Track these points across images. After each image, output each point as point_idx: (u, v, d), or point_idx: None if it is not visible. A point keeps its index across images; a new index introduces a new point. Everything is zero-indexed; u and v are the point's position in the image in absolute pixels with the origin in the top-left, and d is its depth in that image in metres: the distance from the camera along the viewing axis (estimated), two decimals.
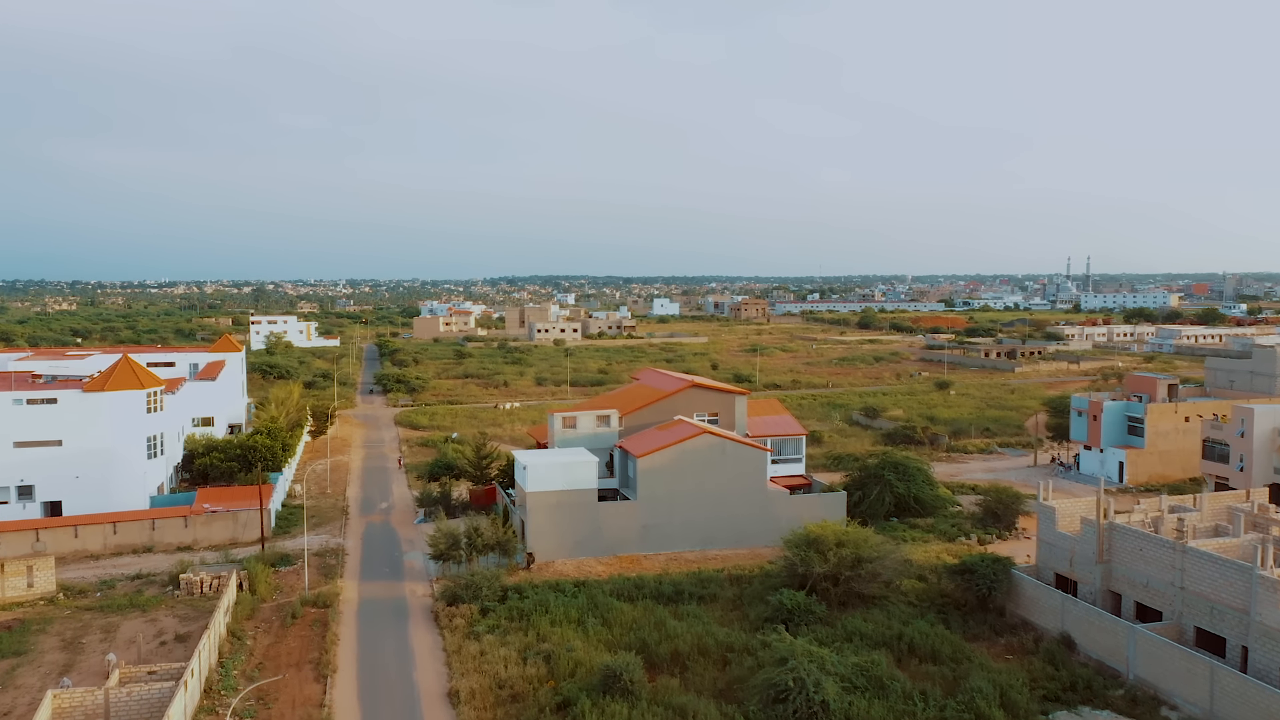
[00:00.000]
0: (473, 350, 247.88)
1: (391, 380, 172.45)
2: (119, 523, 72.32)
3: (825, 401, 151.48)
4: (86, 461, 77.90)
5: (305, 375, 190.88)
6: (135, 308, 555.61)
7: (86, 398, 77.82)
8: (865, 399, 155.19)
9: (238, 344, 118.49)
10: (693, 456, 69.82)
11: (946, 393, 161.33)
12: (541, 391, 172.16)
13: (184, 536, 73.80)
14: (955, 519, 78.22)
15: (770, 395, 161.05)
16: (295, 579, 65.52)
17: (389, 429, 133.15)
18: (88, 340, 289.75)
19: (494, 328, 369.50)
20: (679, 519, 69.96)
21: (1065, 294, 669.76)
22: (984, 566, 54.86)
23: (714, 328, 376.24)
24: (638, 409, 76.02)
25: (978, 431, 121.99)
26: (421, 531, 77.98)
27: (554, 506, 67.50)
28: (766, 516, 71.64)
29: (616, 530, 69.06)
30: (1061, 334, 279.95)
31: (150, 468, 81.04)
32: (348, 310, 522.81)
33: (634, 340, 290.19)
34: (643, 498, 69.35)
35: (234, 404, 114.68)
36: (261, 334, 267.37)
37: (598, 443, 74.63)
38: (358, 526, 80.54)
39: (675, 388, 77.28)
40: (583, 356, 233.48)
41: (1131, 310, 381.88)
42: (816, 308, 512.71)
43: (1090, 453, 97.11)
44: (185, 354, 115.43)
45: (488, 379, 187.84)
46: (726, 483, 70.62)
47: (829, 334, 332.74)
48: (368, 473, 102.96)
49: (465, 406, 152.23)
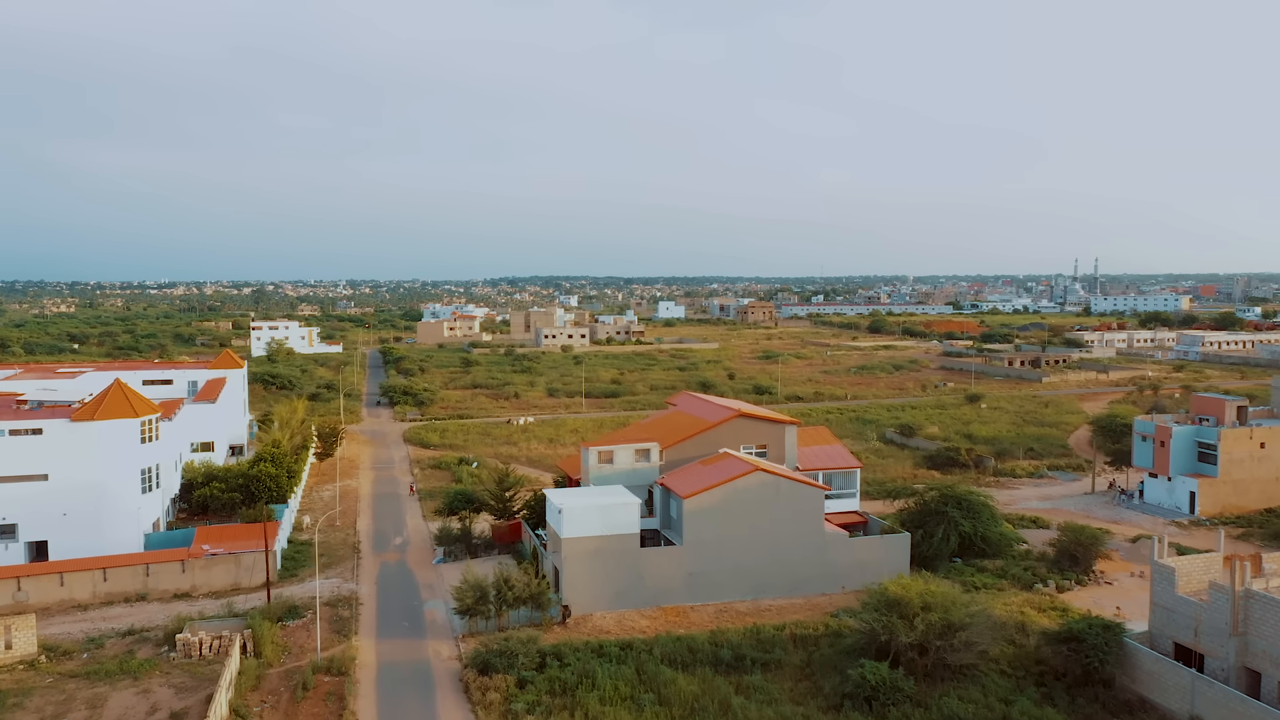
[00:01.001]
0: (479, 358, 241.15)
1: (398, 392, 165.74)
2: (110, 568, 65.57)
3: (854, 416, 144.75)
4: (75, 497, 71.18)
5: (308, 385, 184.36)
6: (134, 310, 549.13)
7: (75, 428, 71.09)
8: (894, 413, 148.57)
9: (239, 360, 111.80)
10: (744, 496, 63.12)
11: (978, 406, 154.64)
12: (554, 404, 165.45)
13: (181, 582, 67.07)
14: (1025, 561, 71.48)
15: (793, 408, 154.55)
16: (305, 636, 58.81)
17: (398, 447, 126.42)
18: (84, 346, 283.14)
19: (498, 331, 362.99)
20: (728, 565, 63.28)
21: (1073, 296, 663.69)
22: (1092, 635, 48.15)
23: (721, 332, 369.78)
24: (679, 441, 69.29)
25: (1022, 452, 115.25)
26: (441, 573, 71.28)
27: (592, 554, 60.81)
28: (824, 561, 64.99)
29: (660, 578, 62.37)
30: (1081, 340, 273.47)
31: (145, 502, 74.31)
32: (349, 313, 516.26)
33: (643, 346, 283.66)
34: (689, 542, 62.66)
35: (235, 424, 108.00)
36: (262, 340, 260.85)
37: (636, 479, 67.91)
38: (371, 567, 73.80)
39: (720, 418, 70.52)
40: (593, 364, 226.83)
41: (1147, 314, 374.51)
42: (823, 310, 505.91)
43: (1156, 481, 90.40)
44: (184, 370, 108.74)
45: (497, 390, 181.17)
46: (780, 525, 63.95)
47: (840, 339, 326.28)
48: (379, 500, 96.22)
49: (476, 421, 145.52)
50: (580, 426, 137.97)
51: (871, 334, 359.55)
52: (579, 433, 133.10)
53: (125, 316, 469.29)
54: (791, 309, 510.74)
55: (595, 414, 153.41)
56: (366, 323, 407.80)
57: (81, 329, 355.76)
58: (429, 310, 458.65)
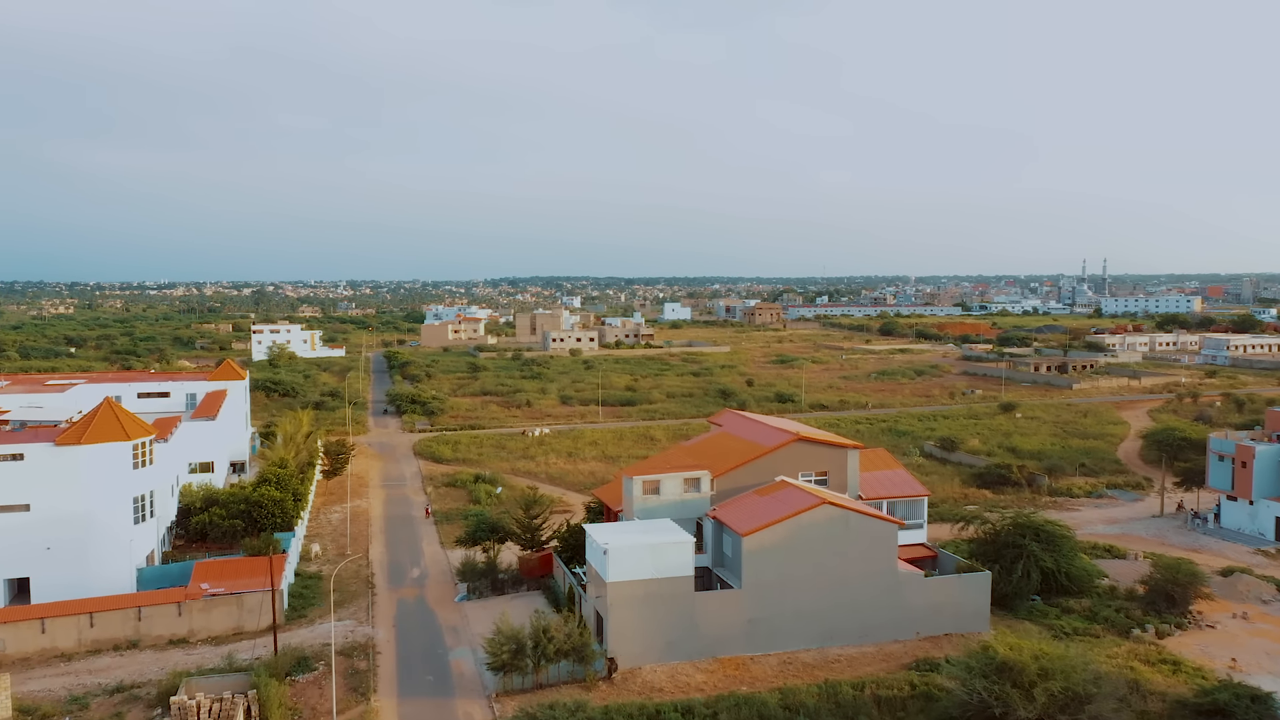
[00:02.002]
0: (486, 362, 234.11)
1: (406, 401, 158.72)
2: (97, 612, 58.62)
3: (885, 427, 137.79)
4: (60, 529, 64.23)
5: (311, 392, 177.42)
6: (133, 312, 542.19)
7: (60, 453, 64.11)
8: (926, 424, 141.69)
9: (240, 370, 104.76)
10: (809, 532, 56.18)
11: (1013, 416, 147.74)
12: (569, 413, 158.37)
13: (177, 627, 60.11)
14: (1113, 600, 64.49)
15: (819, 418, 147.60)
16: (317, 694, 51.85)
17: (408, 462, 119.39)
18: (82, 349, 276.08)
19: (503, 334, 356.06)
20: (791, 610, 56.33)
21: (1081, 297, 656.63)
22: (1241, 708, 41.29)
23: (730, 334, 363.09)
24: (731, 469, 62.32)
25: (1074, 468, 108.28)
26: (466, 614, 64.33)
27: (641, 599, 53.85)
28: (897, 604, 58.05)
29: (716, 626, 55.42)
30: (1103, 344, 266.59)
31: (138, 533, 67.33)
32: (350, 315, 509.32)
33: (653, 350, 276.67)
34: (749, 585, 55.71)
35: (237, 439, 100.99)
36: (263, 344, 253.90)
37: (685, 511, 60.95)
38: (388, 605, 66.82)
39: (775, 442, 63.53)
40: (604, 369, 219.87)
41: (1163, 316, 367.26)
42: (830, 312, 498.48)
43: (1236, 504, 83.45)
44: (182, 382, 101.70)
45: (508, 397, 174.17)
46: (850, 563, 57.02)
47: (852, 342, 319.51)
48: (391, 524, 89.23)
49: (489, 432, 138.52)
50: (600, 438, 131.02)
51: (883, 336, 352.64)
52: (598, 445, 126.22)
53: (124, 318, 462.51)
54: (798, 310, 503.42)
55: (613, 424, 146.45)
56: (369, 325, 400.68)
57: (79, 331, 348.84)
58: (431, 312, 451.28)
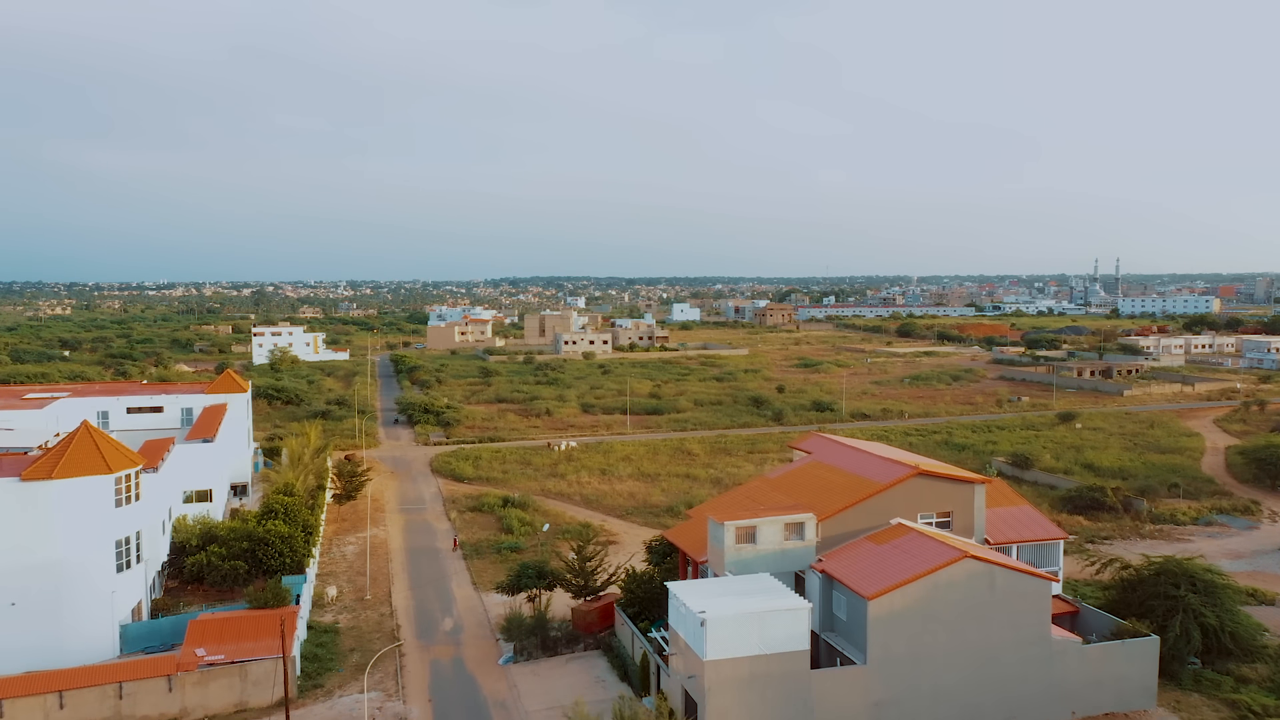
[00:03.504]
0: (498, 366, 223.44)
1: (419, 410, 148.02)
2: (68, 689, 47.85)
3: (940, 440, 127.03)
4: (28, 580, 53.65)
5: (316, 399, 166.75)
6: (131, 313, 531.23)
7: (27, 490, 53.42)
8: (981, 435, 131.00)
9: (241, 382, 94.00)
10: (948, 594, 45.51)
11: (1073, 427, 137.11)
12: (592, 423, 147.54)
13: (168, 705, 49.35)
14: None
15: (865, 429, 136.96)
16: None
17: (426, 480, 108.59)
18: (76, 352, 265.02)
19: (510, 335, 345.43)
20: (926, 689, 45.67)
21: (1093, 297, 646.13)
22: None
23: (744, 335, 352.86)
24: (839, 511, 51.56)
25: (1164, 489, 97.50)
26: (514, 682, 53.59)
27: (746, 681, 43.15)
28: (1050, 679, 47.38)
29: (835, 710, 44.72)
30: (1138, 346, 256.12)
31: (121, 583, 56.67)
32: (352, 316, 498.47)
33: (669, 353, 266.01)
34: (876, 659, 45.02)
35: (238, 459, 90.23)
36: (265, 347, 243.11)
37: (785, 563, 50.26)
38: (419, 670, 56.08)
39: (891, 477, 52.79)
40: (622, 374, 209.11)
41: (1191, 318, 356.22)
42: (839, 313, 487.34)
43: None
44: (177, 396, 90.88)
45: (525, 405, 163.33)
46: (995, 630, 46.37)
47: (872, 344, 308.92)
48: (415, 558, 78.42)
49: (510, 446, 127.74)
50: (632, 453, 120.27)
51: (902, 338, 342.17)
52: (632, 461, 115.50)
53: (121, 319, 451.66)
54: (808, 311, 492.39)
55: (643, 435, 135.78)
56: (373, 327, 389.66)
57: (75, 333, 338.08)
58: (435, 312, 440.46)
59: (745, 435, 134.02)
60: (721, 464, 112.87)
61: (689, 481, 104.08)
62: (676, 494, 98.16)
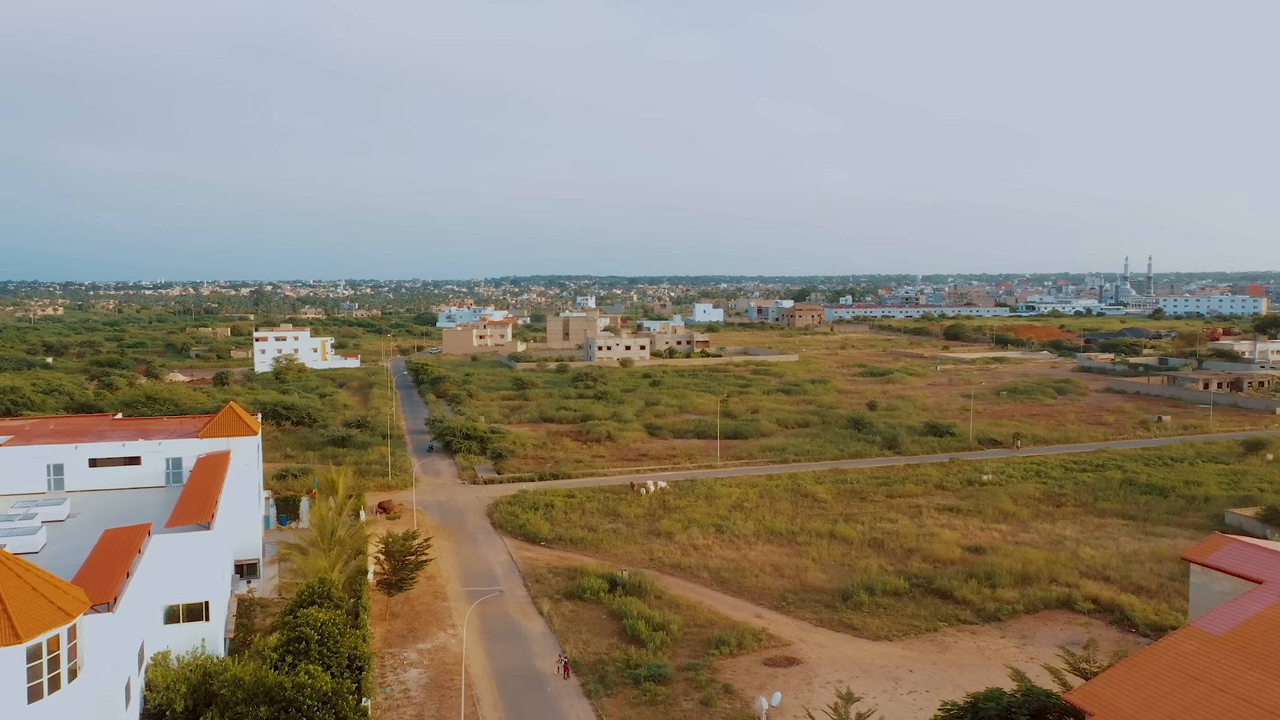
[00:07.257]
0: (531, 376, 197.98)
1: (458, 435, 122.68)
2: None
3: (1121, 479, 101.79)
4: None
5: (332, 418, 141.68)
6: (126, 313, 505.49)
7: None
8: (1159, 470, 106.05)
9: (250, 422, 68.28)
10: None
11: (1263, 457, 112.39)
12: (664, 449, 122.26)
13: None
14: None
15: (999, 459, 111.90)
16: None
17: (489, 539, 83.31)
18: (61, 358, 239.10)
19: (527, 338, 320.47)
20: None
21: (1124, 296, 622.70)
22: None
23: (776, 338, 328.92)
24: None
25: None
26: None
27: None
28: None
29: None
30: (1233, 351, 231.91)
31: None
32: (356, 316, 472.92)
33: (712, 359, 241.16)
34: None
35: (246, 528, 64.87)
36: (268, 354, 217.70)
37: None
38: None
39: None
40: (673, 386, 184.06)
41: (1264, 318, 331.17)
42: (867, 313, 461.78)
43: None
44: (160, 442, 65.23)
45: (578, 426, 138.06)
46: None
47: (921, 348, 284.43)
48: (509, 694, 52.87)
49: (581, 485, 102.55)
50: (741, 497, 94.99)
51: (951, 340, 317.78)
52: (746, 509, 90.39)
53: (115, 320, 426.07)
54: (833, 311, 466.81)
55: (738, 470, 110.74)
56: (384, 330, 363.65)
57: (64, 336, 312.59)
58: (444, 313, 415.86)
59: (866, 470, 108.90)
60: (865, 516, 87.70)
61: (840, 545, 78.91)
62: (835, 568, 73.12)
